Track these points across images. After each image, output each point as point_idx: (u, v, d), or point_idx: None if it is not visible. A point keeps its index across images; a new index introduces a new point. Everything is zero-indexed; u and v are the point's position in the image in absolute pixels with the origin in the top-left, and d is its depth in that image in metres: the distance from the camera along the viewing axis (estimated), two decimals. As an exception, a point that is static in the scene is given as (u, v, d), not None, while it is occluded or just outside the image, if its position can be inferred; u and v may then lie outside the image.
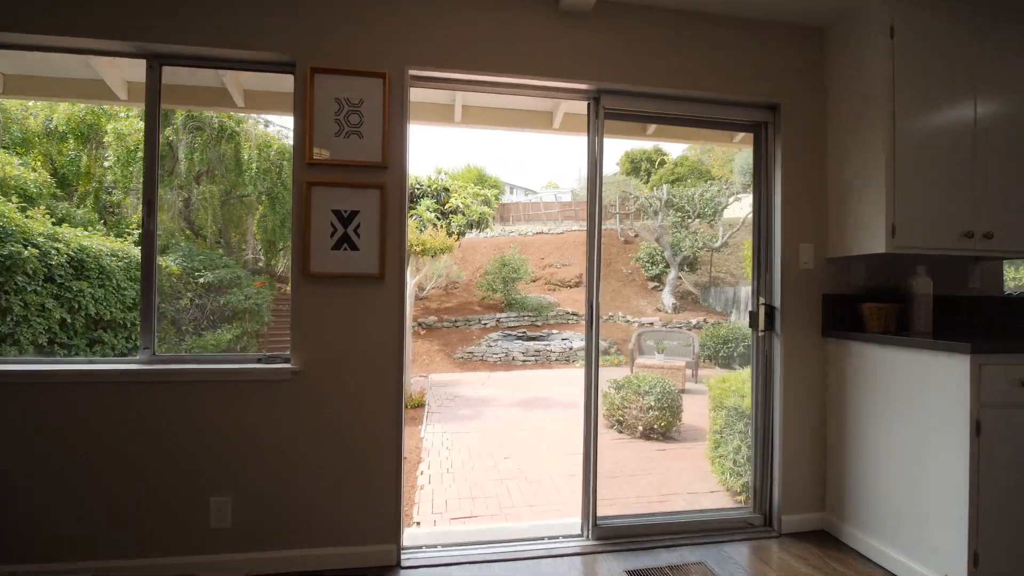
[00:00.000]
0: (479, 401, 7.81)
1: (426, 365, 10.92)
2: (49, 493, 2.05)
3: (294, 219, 2.21)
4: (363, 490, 2.29)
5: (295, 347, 2.20)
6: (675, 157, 47.34)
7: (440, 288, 15.75)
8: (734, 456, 3.80)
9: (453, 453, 5.29)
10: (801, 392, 2.63)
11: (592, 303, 2.53)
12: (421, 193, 12.10)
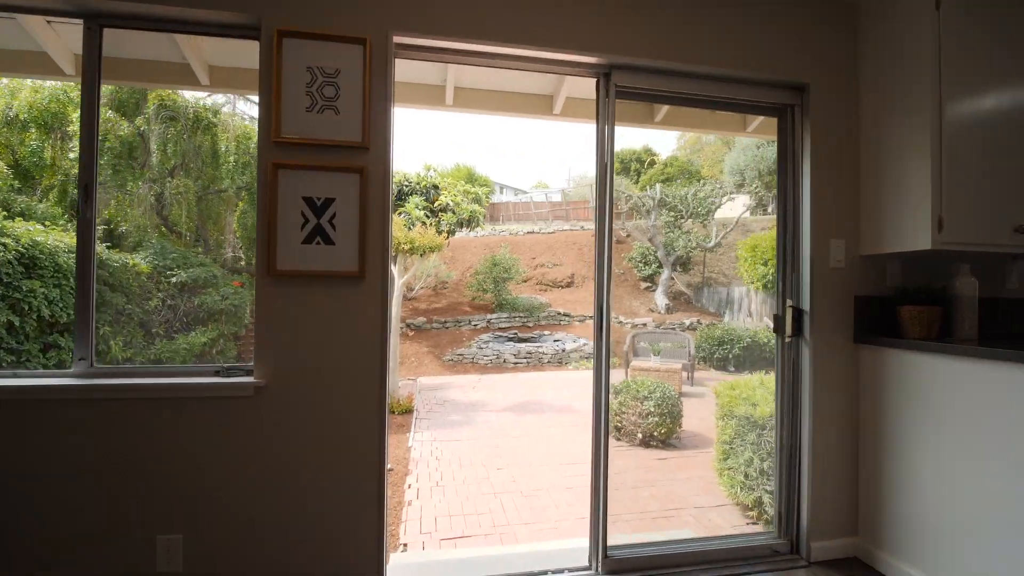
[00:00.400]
0: (470, 406, 7.50)
1: (414, 368, 10.58)
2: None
3: (258, 207, 1.89)
4: (340, 520, 1.98)
5: (259, 358, 1.88)
6: (665, 158, 47.55)
7: (429, 288, 15.40)
8: (745, 469, 3.54)
9: (443, 463, 4.98)
10: (832, 404, 2.36)
11: (602, 306, 2.24)
12: (410, 190, 11.75)
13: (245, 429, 1.88)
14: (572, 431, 6.11)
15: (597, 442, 2.33)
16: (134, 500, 1.82)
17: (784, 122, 2.45)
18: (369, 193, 1.95)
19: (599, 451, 2.32)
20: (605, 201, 2.28)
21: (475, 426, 6.36)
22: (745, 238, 17.32)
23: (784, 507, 2.43)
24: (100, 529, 1.80)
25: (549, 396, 8.09)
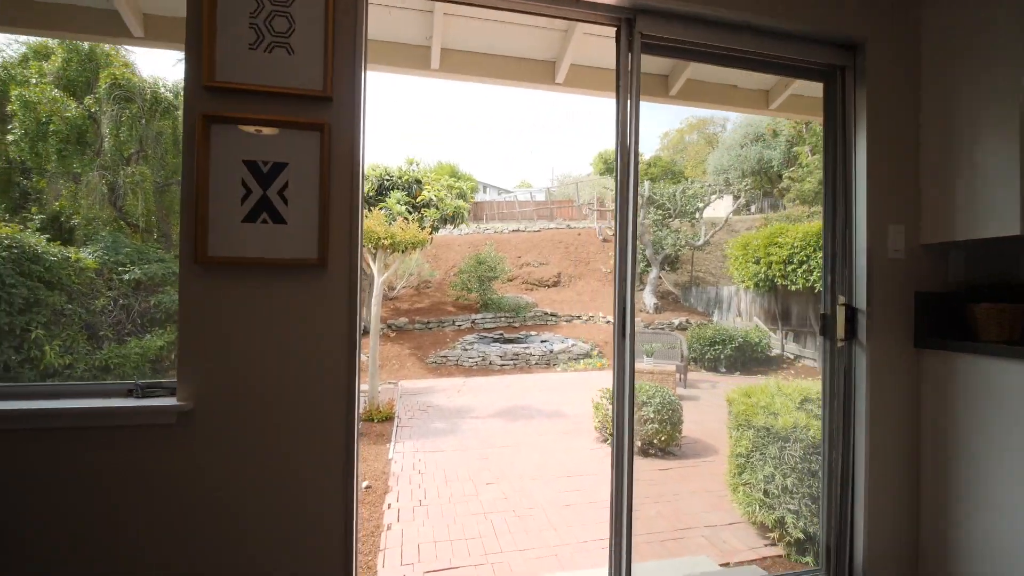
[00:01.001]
0: (454, 411, 7.05)
1: (396, 371, 10.07)
2: None
3: (184, 173, 1.43)
4: (296, 572, 1.53)
5: (184, 373, 1.42)
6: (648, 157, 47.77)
7: (411, 287, 14.87)
8: (765, 486, 3.18)
9: (426, 478, 4.53)
10: (890, 420, 2.00)
11: (625, 307, 1.84)
12: (391, 185, 11.24)
13: (165, 465, 1.42)
14: (564, 439, 5.72)
15: (619, 465, 1.92)
16: (18, 561, 1.35)
17: (832, 87, 2.08)
18: (333, 157, 1.51)
19: (621, 475, 1.93)
20: (628, 189, 1.88)
21: (461, 434, 5.92)
22: (730, 238, 17.23)
23: (834, 539, 2.05)
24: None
25: (538, 400, 7.69)
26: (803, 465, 3.01)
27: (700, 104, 2.86)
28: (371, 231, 6.42)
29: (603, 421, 5.48)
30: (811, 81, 2.13)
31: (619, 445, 1.91)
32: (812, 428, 3.03)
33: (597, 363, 10.48)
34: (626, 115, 1.87)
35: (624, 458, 1.89)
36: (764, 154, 27.38)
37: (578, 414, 6.78)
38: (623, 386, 1.87)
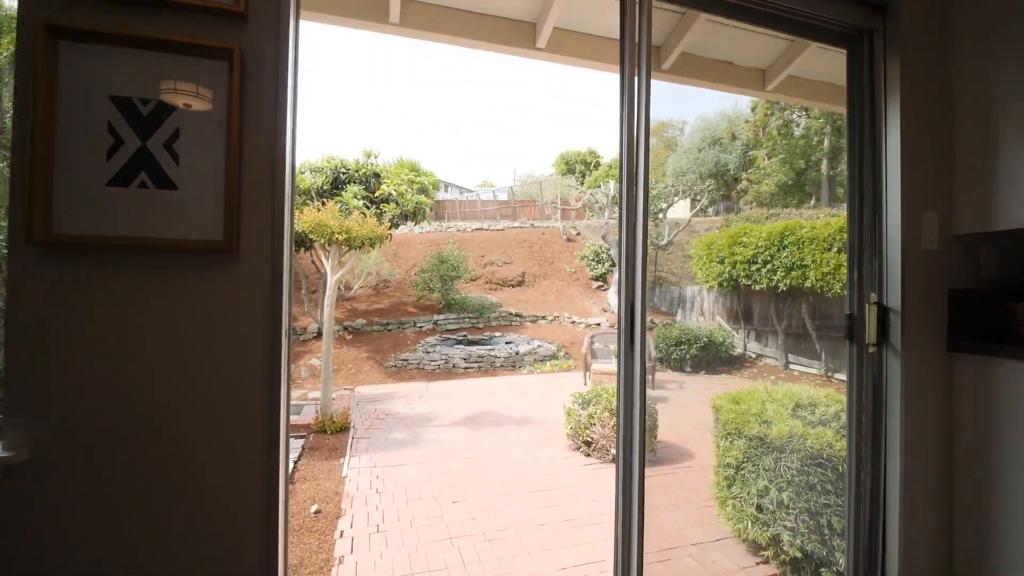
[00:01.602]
0: (416, 420, 6.58)
1: (352, 376, 9.47)
2: None
3: (16, 112, 0.97)
4: None
5: (11, 409, 0.96)
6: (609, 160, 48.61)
7: (369, 287, 14.19)
8: (759, 500, 2.94)
9: (385, 498, 4.08)
10: (926, 434, 1.75)
11: (634, 312, 1.49)
12: (347, 178, 10.59)
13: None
14: (535, 448, 5.37)
15: (627, 505, 1.57)
16: None
17: (858, 54, 1.81)
18: (248, 98, 1.08)
19: (630, 517, 1.56)
20: (637, 169, 1.54)
21: (423, 445, 5.47)
22: (690, 239, 17.45)
23: (863, 568, 1.78)
24: None
25: (505, 405, 7.32)
26: (800, 478, 2.78)
27: (694, 81, 2.56)
28: (324, 225, 5.87)
29: (575, 428, 5.17)
30: (832, 47, 1.86)
31: (626, 478, 1.55)
32: (809, 438, 2.81)
33: (564, 364, 10.22)
34: (632, 85, 1.54)
35: (633, 497, 1.53)
36: (721, 158, 28.17)
37: (547, 420, 6.46)
38: (631, 402, 1.53)
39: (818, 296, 8.90)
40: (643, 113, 1.56)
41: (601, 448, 4.98)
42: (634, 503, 1.54)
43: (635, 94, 1.56)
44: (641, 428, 1.52)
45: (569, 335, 12.11)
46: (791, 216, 12.37)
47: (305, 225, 5.96)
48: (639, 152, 1.56)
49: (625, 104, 1.56)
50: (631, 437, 1.54)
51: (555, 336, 11.97)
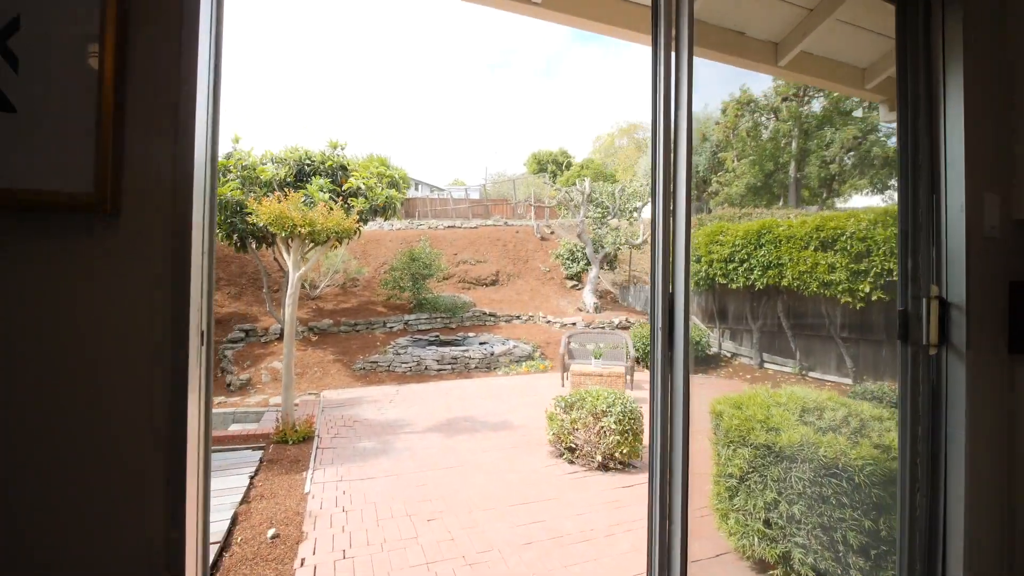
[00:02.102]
0: (386, 426, 6.16)
1: (318, 380, 8.93)
2: None
3: None
4: None
5: None
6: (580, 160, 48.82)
7: (336, 286, 13.57)
8: (767, 514, 2.70)
9: (352, 517, 3.68)
10: (991, 448, 1.51)
11: (674, 309, 1.19)
12: (312, 170, 10.02)
13: None
14: (515, 455, 5.06)
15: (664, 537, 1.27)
16: None
17: (910, 8, 1.57)
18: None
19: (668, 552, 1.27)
20: (676, 148, 1.25)
21: (394, 455, 5.08)
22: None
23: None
24: None
25: (481, 409, 6.98)
26: (813, 490, 2.57)
27: (701, 51, 2.29)
28: (285, 217, 5.39)
29: (558, 434, 4.88)
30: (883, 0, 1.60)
31: (663, 513, 1.25)
32: (822, 445, 2.59)
33: (540, 365, 9.95)
34: (670, 52, 1.25)
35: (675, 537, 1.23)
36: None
37: (527, 424, 6.15)
38: (668, 413, 1.22)
39: (794, 294, 8.93)
40: (685, 88, 1.27)
41: (586, 455, 4.70)
42: (676, 545, 1.24)
43: (671, 68, 1.29)
44: (684, 448, 1.23)
45: (544, 335, 11.85)
46: (762, 216, 12.46)
47: (264, 217, 5.47)
48: (678, 132, 1.28)
49: (660, 79, 1.28)
50: (669, 465, 1.24)
51: (530, 336, 11.69)
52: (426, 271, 12.52)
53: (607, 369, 7.60)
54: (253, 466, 4.71)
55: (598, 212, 14.66)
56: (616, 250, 14.03)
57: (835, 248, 7.71)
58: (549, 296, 14.47)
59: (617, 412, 4.60)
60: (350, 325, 11.40)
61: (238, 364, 9.59)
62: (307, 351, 9.99)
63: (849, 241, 7.51)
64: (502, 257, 16.15)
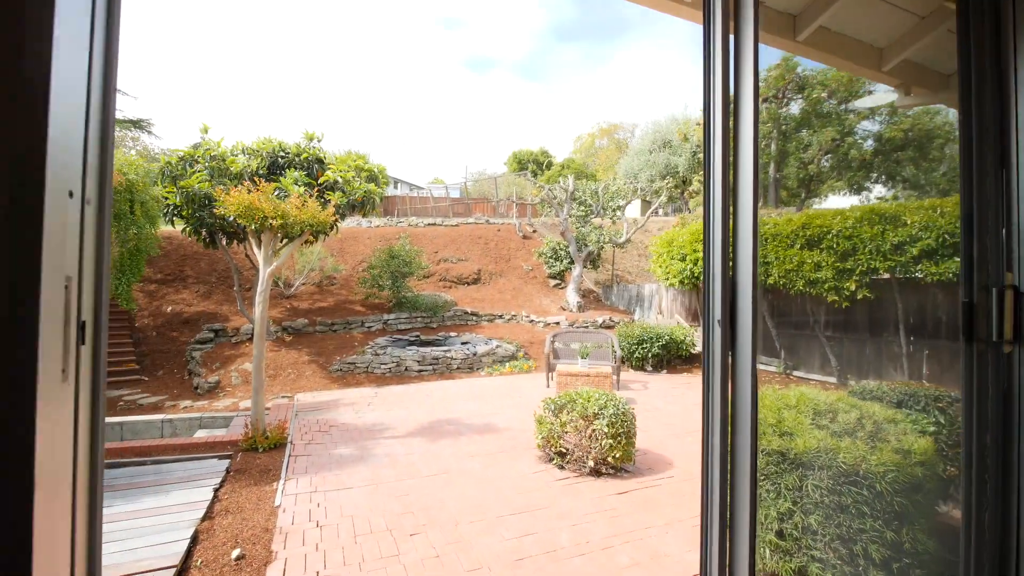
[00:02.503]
0: (365, 431, 5.84)
1: (292, 382, 8.51)
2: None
3: None
4: None
5: None
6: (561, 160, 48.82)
7: (312, 284, 13.10)
8: (780, 525, 2.51)
9: (328, 533, 3.37)
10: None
11: (735, 301, 0.95)
12: (287, 163, 9.57)
13: None
14: (501, 460, 4.80)
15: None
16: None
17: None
18: None
19: None
20: (739, 133, 1.02)
21: (374, 463, 4.77)
22: (645, 238, 17.47)
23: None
24: None
25: (465, 411, 6.70)
26: (831, 499, 2.38)
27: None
28: (255, 208, 5.02)
29: (547, 438, 4.65)
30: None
31: (726, 523, 1.01)
32: (840, 451, 2.42)
33: (524, 365, 9.71)
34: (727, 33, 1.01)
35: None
36: (671, 160, 28.79)
37: (512, 427, 5.90)
38: (728, 416, 0.99)
39: (779, 293, 8.89)
40: (751, 51, 1.04)
41: (576, 460, 4.48)
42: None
43: (729, 33, 1.06)
44: (752, 466, 0.99)
45: (528, 334, 11.63)
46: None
47: (232, 209, 5.09)
48: (741, 96, 1.04)
49: (717, 59, 1.05)
50: (731, 474, 1.01)
51: (513, 336, 11.45)
52: (406, 269, 12.16)
53: (594, 369, 7.40)
54: (219, 477, 4.35)
55: (581, 210, 14.51)
56: (599, 249, 13.90)
57: (821, 247, 7.68)
58: (532, 295, 14.25)
59: (609, 414, 4.38)
60: (326, 325, 10.97)
61: (206, 366, 9.10)
62: (281, 352, 9.55)
63: (835, 239, 7.47)
64: (484, 255, 15.87)
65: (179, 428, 6.61)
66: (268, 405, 7.15)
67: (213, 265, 12.81)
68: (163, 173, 8.65)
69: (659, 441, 5.43)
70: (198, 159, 8.52)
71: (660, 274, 11.18)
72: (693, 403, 7.16)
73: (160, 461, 4.80)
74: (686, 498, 3.91)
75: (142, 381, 8.85)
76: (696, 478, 4.37)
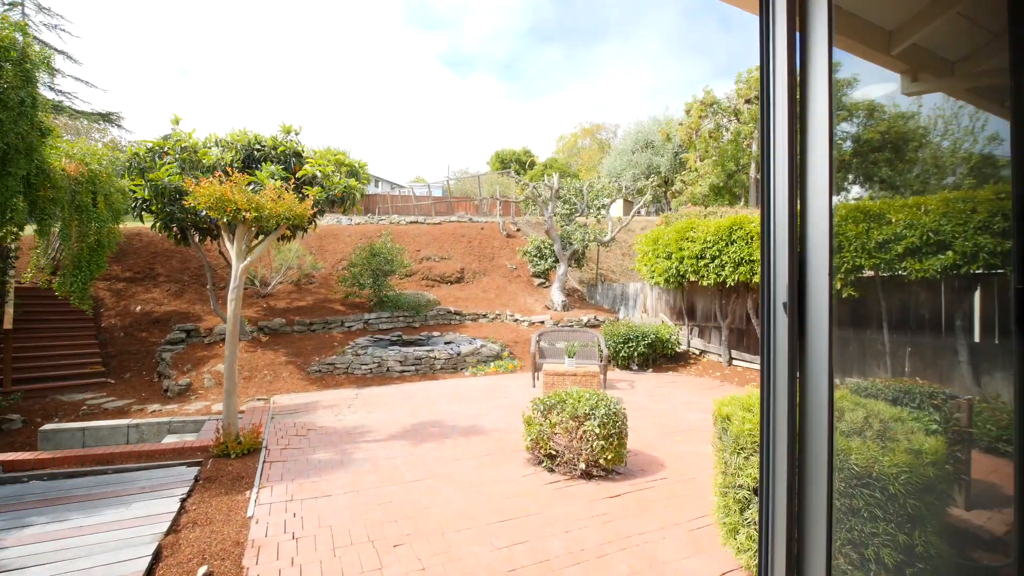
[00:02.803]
0: (345, 434, 5.59)
1: (268, 384, 8.18)
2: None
3: None
4: None
5: None
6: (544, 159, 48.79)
7: (290, 283, 12.71)
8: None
9: (304, 546, 3.14)
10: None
11: (801, 275, 0.79)
12: (263, 156, 9.22)
13: None
14: (489, 464, 4.62)
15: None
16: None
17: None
18: None
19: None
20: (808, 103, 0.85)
21: (354, 468, 4.53)
22: (630, 238, 17.47)
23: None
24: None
25: (449, 413, 6.49)
26: (842, 502, 2.26)
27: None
28: (227, 199, 4.74)
29: (536, 440, 4.48)
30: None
31: (793, 538, 0.85)
32: (852, 452, 2.30)
33: (509, 365, 9.53)
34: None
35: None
36: (653, 160, 28.97)
37: (499, 429, 5.72)
38: (796, 417, 0.83)
39: (764, 291, 8.87)
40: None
41: (567, 462, 4.32)
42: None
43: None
44: (828, 475, 0.84)
45: (513, 334, 11.46)
46: (725, 216, 12.49)
47: (203, 200, 4.78)
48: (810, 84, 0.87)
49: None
50: (800, 481, 0.85)
51: (498, 335, 11.26)
52: (388, 267, 11.87)
53: (581, 368, 7.27)
54: (187, 485, 4.07)
55: (566, 209, 14.40)
56: (584, 247, 13.81)
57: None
58: (516, 294, 14.09)
59: (601, 414, 4.23)
60: (305, 324, 10.62)
61: (177, 368, 8.70)
62: (257, 352, 9.19)
63: (820, 237, 7.48)
64: (467, 254, 15.65)
65: (146, 433, 6.25)
66: (242, 408, 6.83)
67: (185, 263, 12.32)
68: (130, 165, 8.21)
69: (649, 441, 5.31)
70: (168, 150, 8.12)
71: (645, 273, 11.12)
72: (681, 402, 7.08)
73: (123, 469, 4.48)
74: (681, 501, 3.79)
75: (108, 384, 8.41)
76: (689, 480, 4.26)
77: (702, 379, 9.11)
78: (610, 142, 44.28)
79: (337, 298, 12.29)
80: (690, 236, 9.67)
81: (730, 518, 2.68)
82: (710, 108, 19.47)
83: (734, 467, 2.63)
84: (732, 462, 2.65)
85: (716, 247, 9.08)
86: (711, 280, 9.24)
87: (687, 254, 9.65)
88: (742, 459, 2.58)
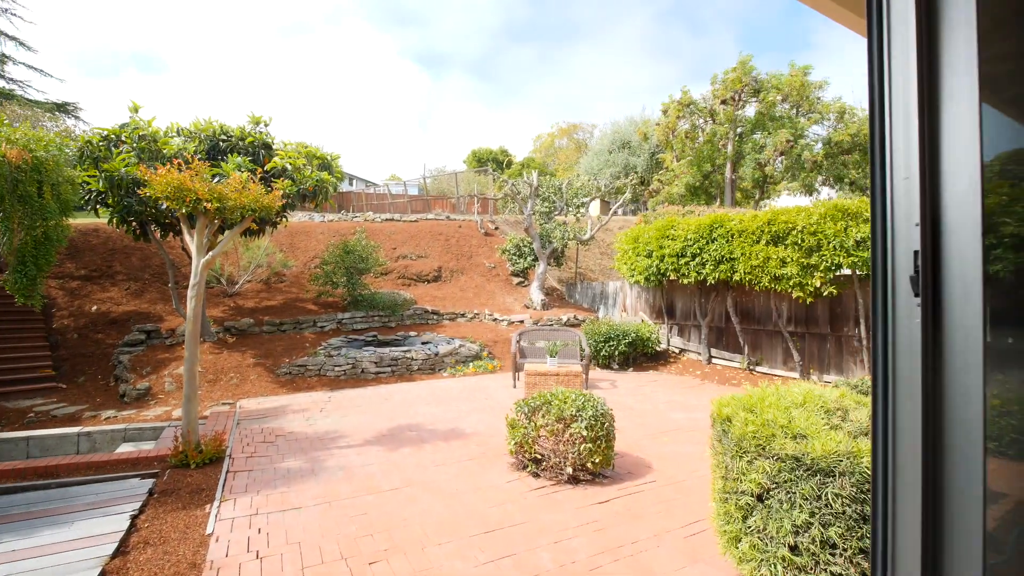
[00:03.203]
0: (316, 440, 5.27)
1: (234, 387, 7.74)
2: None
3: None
4: None
5: None
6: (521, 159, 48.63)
7: (260, 281, 12.19)
8: (795, 538, 2.24)
9: (269, 565, 2.86)
10: None
11: (935, 242, 0.58)
12: (229, 147, 8.75)
13: None
14: (471, 470, 4.39)
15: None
16: None
17: None
18: None
19: None
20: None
21: (326, 476, 4.24)
22: (608, 237, 17.44)
23: None
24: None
25: (428, 416, 6.23)
26: (853, 508, 2.13)
27: None
28: (186, 188, 4.38)
29: (521, 443, 4.27)
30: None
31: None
32: (864, 456, 2.17)
33: (489, 365, 9.31)
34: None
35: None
36: (630, 160, 29.15)
37: (480, 432, 5.49)
38: (929, 422, 0.63)
39: (743, 290, 8.90)
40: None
41: (553, 466, 4.13)
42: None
43: None
44: (982, 499, 0.64)
45: (492, 333, 11.23)
46: (704, 215, 12.52)
47: (160, 189, 4.41)
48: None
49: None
50: (939, 496, 0.65)
51: (477, 334, 11.02)
52: (362, 265, 11.48)
53: (563, 368, 7.10)
54: (139, 500, 3.71)
55: (545, 207, 14.25)
56: (564, 245, 13.67)
57: (786, 242, 7.69)
58: (495, 293, 13.86)
59: (588, 416, 4.06)
60: (275, 324, 10.17)
61: (136, 371, 8.17)
62: (223, 354, 8.72)
63: (800, 235, 7.50)
64: (444, 252, 15.34)
65: (99, 442, 5.79)
66: (205, 413, 6.42)
67: (147, 260, 11.68)
68: (82, 154, 7.64)
69: (635, 442, 5.17)
70: (125, 139, 7.59)
71: (625, 271, 11.05)
72: (664, 401, 6.99)
73: (68, 483, 4.09)
74: (672, 505, 3.64)
75: (59, 389, 7.83)
76: (679, 483, 4.09)
77: (683, 377, 9.07)
78: (587, 142, 44.43)
79: (309, 297, 11.84)
80: (671, 234, 9.63)
81: (731, 526, 2.53)
82: (687, 108, 19.62)
83: (736, 472, 2.47)
84: (733, 466, 2.49)
85: (697, 245, 9.05)
86: (692, 278, 9.20)
87: (668, 252, 9.60)
88: (745, 463, 2.42)
